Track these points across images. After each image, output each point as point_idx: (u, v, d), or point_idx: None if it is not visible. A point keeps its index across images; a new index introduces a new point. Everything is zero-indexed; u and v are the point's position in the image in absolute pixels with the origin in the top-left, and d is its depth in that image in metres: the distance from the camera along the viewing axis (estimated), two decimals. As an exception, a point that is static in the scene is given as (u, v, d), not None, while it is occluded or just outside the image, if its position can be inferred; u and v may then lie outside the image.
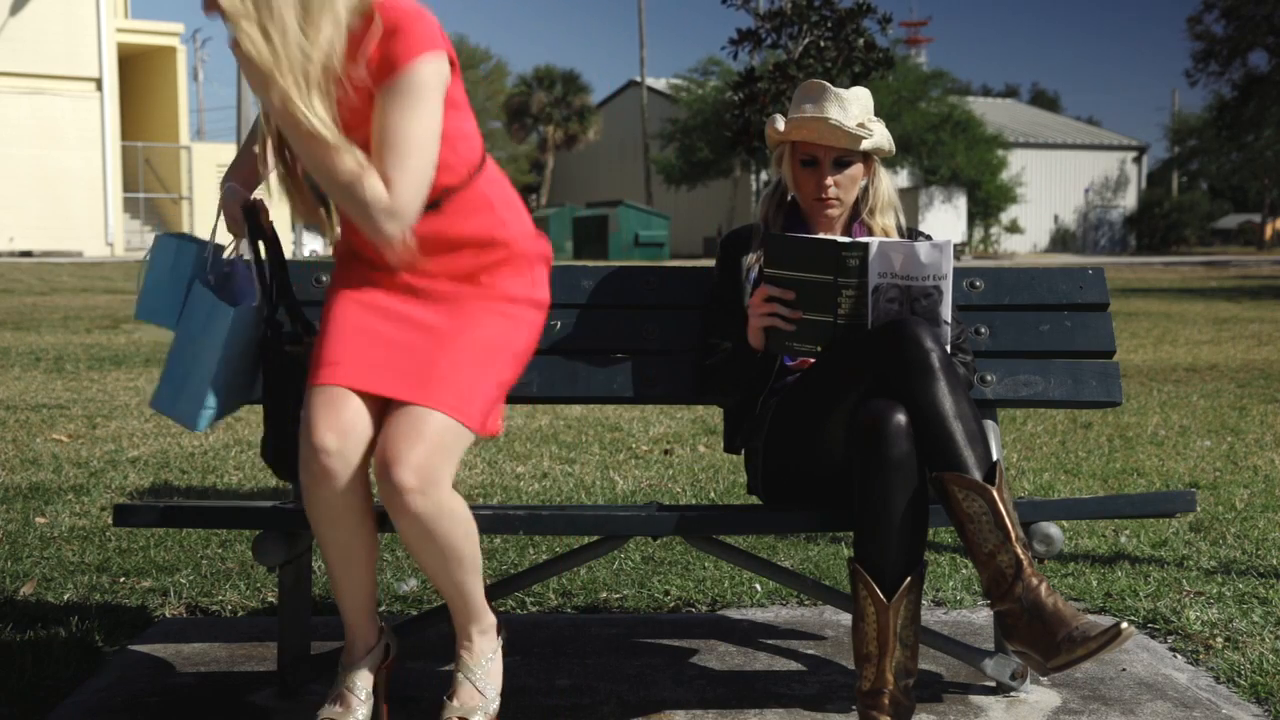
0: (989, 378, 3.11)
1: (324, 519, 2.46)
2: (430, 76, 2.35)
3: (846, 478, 2.64)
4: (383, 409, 2.45)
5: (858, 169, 2.96)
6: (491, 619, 2.61)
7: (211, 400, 2.59)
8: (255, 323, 2.63)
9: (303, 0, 2.29)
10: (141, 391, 7.90)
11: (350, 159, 2.32)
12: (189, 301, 2.61)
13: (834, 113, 2.89)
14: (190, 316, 2.61)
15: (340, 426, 2.40)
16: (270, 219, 2.64)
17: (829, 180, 2.94)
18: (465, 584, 2.52)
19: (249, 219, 2.60)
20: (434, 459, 2.39)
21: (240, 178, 2.64)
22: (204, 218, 32.91)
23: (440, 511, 2.41)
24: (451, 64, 2.43)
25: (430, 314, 2.52)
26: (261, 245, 2.64)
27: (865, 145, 2.92)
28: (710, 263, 3.13)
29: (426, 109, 2.36)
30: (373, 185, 2.33)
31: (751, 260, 2.96)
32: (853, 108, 2.92)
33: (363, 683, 2.58)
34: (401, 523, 2.41)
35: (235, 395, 2.68)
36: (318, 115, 2.30)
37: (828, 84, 2.92)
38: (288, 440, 2.57)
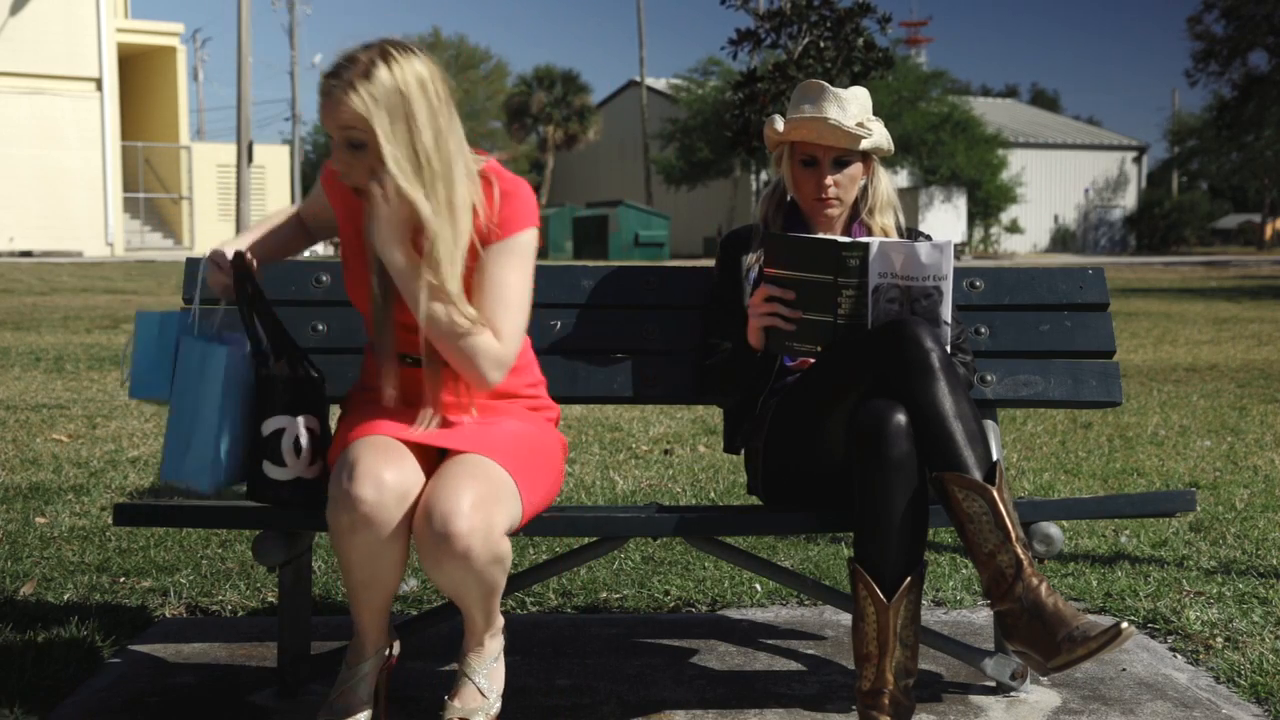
0: (989, 378, 3.11)
1: (354, 561, 2.45)
2: (533, 243, 2.61)
3: (846, 478, 2.64)
4: (430, 470, 2.46)
5: (857, 168, 2.96)
6: (501, 622, 2.61)
7: (221, 457, 2.53)
8: (250, 370, 2.59)
9: (467, 165, 2.49)
10: (141, 391, 7.89)
11: (467, 310, 2.48)
12: (180, 357, 2.56)
13: (833, 112, 2.89)
14: (184, 370, 2.56)
15: (379, 478, 2.37)
16: (259, 270, 2.63)
17: (828, 180, 2.94)
18: (490, 607, 2.53)
19: (236, 267, 2.58)
20: (488, 504, 2.38)
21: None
22: (204, 218, 32.90)
23: (492, 557, 2.39)
24: None
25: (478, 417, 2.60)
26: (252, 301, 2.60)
27: (864, 145, 2.92)
28: (710, 263, 3.13)
29: (530, 271, 2.60)
30: (485, 336, 2.50)
31: (751, 260, 2.96)
32: (851, 107, 2.92)
33: (365, 683, 2.58)
34: (447, 567, 2.37)
35: (243, 457, 2.59)
36: (457, 272, 2.46)
37: (826, 84, 2.92)
38: (255, 463, 2.56)
